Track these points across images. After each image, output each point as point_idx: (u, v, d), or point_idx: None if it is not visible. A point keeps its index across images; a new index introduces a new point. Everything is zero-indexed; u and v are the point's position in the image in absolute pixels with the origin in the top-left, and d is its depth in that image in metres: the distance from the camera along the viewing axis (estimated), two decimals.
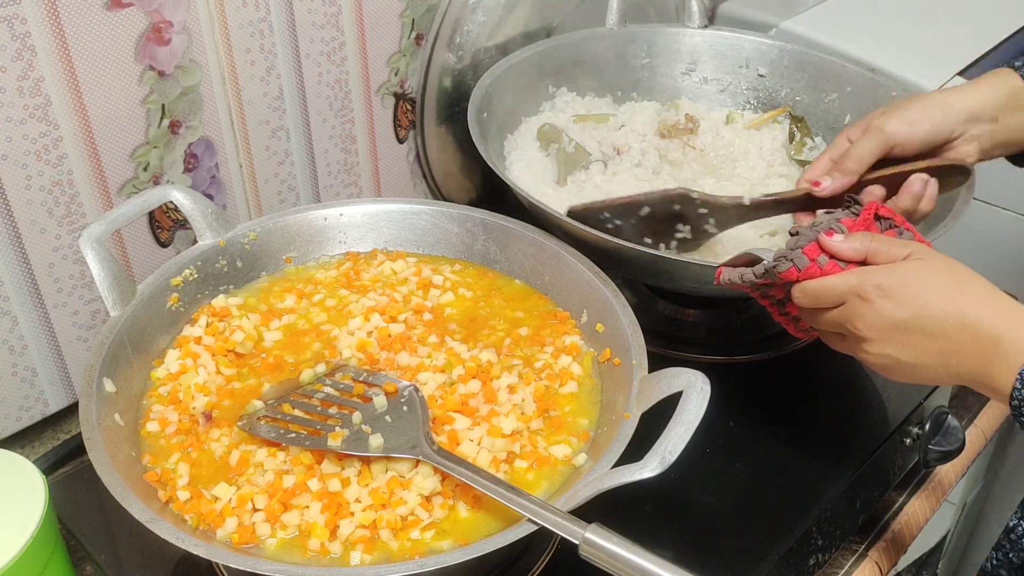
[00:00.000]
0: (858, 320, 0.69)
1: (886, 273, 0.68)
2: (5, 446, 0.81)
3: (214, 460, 0.71)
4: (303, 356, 0.80)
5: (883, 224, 0.74)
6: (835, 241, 0.71)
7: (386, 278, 0.88)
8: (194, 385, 0.76)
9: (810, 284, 0.71)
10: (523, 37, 1.14)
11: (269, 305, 0.85)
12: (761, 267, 0.73)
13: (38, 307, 0.87)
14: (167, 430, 0.73)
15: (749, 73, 1.18)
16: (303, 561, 0.64)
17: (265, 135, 0.99)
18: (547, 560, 0.77)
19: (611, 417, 0.72)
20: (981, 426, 1.05)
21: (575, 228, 0.85)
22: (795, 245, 0.72)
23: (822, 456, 0.87)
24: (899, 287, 0.67)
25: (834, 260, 0.71)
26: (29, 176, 0.81)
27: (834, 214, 0.75)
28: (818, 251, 0.71)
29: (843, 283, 0.70)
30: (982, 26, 1.37)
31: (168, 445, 0.72)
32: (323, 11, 0.97)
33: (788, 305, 0.76)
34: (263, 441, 0.71)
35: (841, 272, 0.70)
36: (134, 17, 0.83)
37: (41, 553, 0.68)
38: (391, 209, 0.92)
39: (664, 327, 1.03)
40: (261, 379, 0.78)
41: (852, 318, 0.69)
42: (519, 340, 0.82)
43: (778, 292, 0.75)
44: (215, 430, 0.73)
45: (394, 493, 0.67)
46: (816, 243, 0.71)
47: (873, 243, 0.71)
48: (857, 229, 0.73)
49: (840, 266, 0.71)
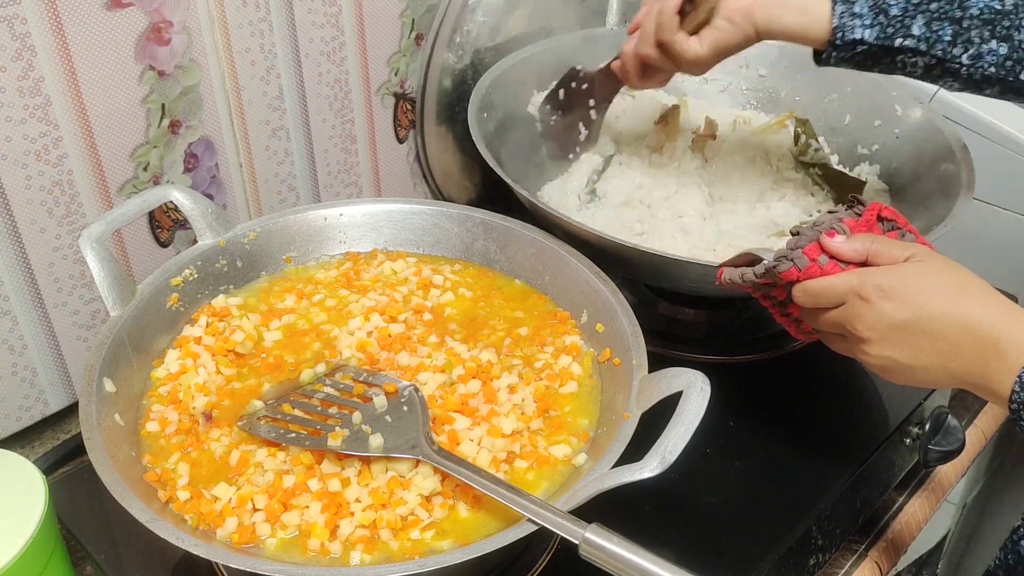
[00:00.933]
0: (858, 320, 0.69)
1: (887, 274, 0.68)
2: (5, 446, 0.80)
3: (214, 460, 0.71)
4: (303, 356, 0.80)
5: (885, 225, 0.74)
6: (836, 242, 0.71)
7: (386, 278, 0.88)
8: (194, 385, 0.76)
9: (811, 284, 0.71)
10: (523, 37, 1.14)
11: (269, 305, 0.85)
12: (762, 267, 0.73)
13: (38, 307, 0.87)
14: (167, 430, 0.73)
15: (749, 73, 1.18)
16: (303, 561, 0.64)
17: (265, 135, 0.99)
18: (547, 560, 0.77)
19: (611, 417, 0.72)
20: (981, 426, 1.05)
21: (575, 228, 0.85)
22: (796, 245, 0.72)
23: (822, 456, 0.87)
24: (899, 288, 0.67)
25: (834, 260, 0.71)
26: (29, 176, 0.81)
27: (836, 213, 0.75)
28: (819, 251, 0.71)
29: (843, 283, 0.70)
30: None
31: (168, 445, 0.72)
32: (323, 11, 0.97)
33: (790, 307, 0.76)
34: (263, 441, 0.71)
35: (842, 272, 0.70)
36: (134, 17, 0.83)
37: (41, 553, 0.68)
38: (391, 209, 0.92)
39: (664, 327, 1.03)
40: (261, 379, 0.78)
41: (852, 318, 0.69)
42: (519, 340, 0.82)
43: (780, 293, 0.75)
44: (215, 430, 0.73)
45: (394, 493, 0.67)
46: (817, 243, 0.71)
47: (875, 244, 0.70)
48: (859, 230, 0.72)
49: (840, 266, 0.70)
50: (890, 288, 0.67)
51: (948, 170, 0.97)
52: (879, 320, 0.68)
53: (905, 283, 0.67)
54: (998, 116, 1.19)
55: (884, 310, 0.67)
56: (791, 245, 0.72)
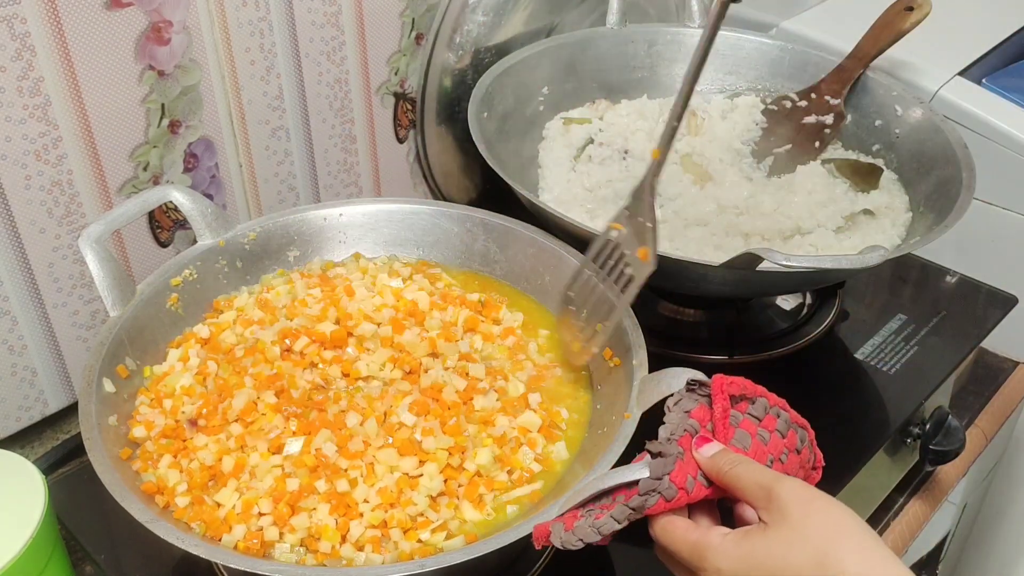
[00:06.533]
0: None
1: (729, 557, 0.55)
2: (5, 446, 0.81)
3: (205, 467, 0.69)
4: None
5: (735, 418, 0.62)
6: (703, 456, 0.59)
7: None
8: (180, 387, 0.75)
9: (661, 535, 0.59)
10: (523, 37, 1.14)
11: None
12: (625, 508, 0.59)
13: (38, 307, 0.87)
14: (152, 433, 0.72)
15: (749, 73, 1.18)
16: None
17: (265, 135, 0.99)
18: (547, 560, 0.77)
19: (611, 417, 0.72)
20: (981, 426, 1.05)
21: (576, 228, 0.85)
22: (663, 472, 0.58)
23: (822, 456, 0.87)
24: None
25: (700, 483, 0.59)
26: (29, 176, 0.81)
27: (681, 404, 0.63)
28: (685, 475, 0.59)
29: (685, 550, 0.58)
30: (982, 26, 1.37)
31: (158, 447, 0.71)
32: (323, 10, 0.97)
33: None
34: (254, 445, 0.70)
35: (683, 531, 0.58)
36: (134, 17, 0.83)
37: (41, 553, 0.68)
38: (391, 209, 0.92)
39: (664, 327, 1.03)
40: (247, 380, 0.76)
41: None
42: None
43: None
44: (201, 435, 0.71)
45: (403, 492, 0.67)
46: (682, 462, 0.59)
47: (735, 469, 0.58)
48: (717, 423, 0.61)
49: (706, 487, 0.59)
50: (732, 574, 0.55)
51: (948, 170, 0.97)
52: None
53: (749, 572, 0.54)
54: (998, 116, 1.19)
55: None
56: (656, 473, 0.58)
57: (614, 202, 1.01)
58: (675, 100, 0.73)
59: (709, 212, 0.99)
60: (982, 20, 1.39)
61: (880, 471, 0.93)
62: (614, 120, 1.13)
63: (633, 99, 1.17)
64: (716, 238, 0.96)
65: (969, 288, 1.10)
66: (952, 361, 0.99)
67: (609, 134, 1.11)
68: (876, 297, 1.09)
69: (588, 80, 1.16)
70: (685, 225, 0.98)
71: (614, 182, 1.03)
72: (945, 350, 1.00)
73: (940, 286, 1.10)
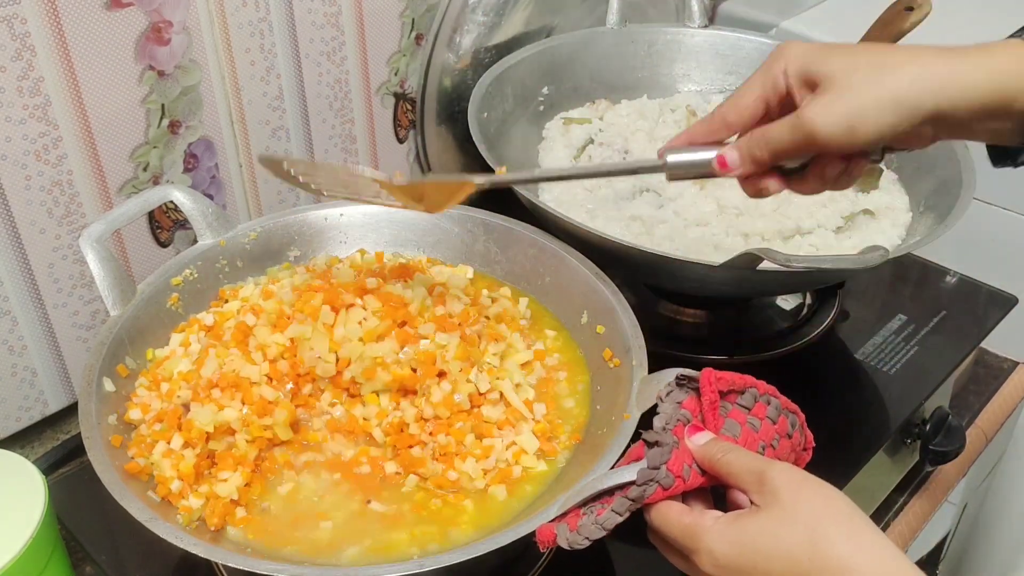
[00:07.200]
0: (692, 569, 0.59)
1: (723, 539, 0.56)
2: (5, 446, 0.80)
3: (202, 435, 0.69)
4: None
5: (725, 408, 0.63)
6: (696, 444, 0.61)
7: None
8: (177, 373, 0.74)
9: (655, 519, 0.60)
10: (523, 37, 1.14)
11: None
12: (624, 500, 0.60)
13: (38, 307, 0.87)
14: (147, 416, 0.71)
15: (749, 73, 1.18)
16: (303, 560, 0.65)
17: (265, 135, 0.99)
18: (547, 560, 0.77)
19: (611, 417, 0.72)
20: (981, 426, 1.05)
21: (576, 228, 0.85)
22: (660, 460, 0.60)
23: (822, 456, 0.87)
24: (734, 556, 0.55)
25: (696, 471, 0.61)
26: (29, 176, 0.81)
27: (672, 395, 0.64)
28: (681, 463, 0.60)
29: (677, 529, 0.59)
30: (983, 26, 1.37)
31: (152, 433, 0.70)
32: (323, 11, 0.97)
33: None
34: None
35: (677, 515, 0.60)
36: (134, 17, 0.83)
37: (41, 553, 0.68)
38: (391, 209, 0.91)
39: (664, 327, 1.03)
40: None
41: (690, 567, 0.59)
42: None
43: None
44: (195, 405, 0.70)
45: None
46: (678, 452, 0.61)
47: (726, 457, 0.59)
48: (708, 413, 0.62)
49: (701, 476, 0.61)
50: (724, 558, 0.56)
51: (948, 170, 0.97)
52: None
53: (742, 552, 0.55)
54: None
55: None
56: (653, 462, 0.60)
57: (614, 202, 1.01)
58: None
59: (709, 212, 0.99)
60: (982, 20, 1.39)
61: (880, 471, 0.93)
62: (614, 120, 1.13)
63: (633, 99, 1.17)
64: (716, 238, 0.96)
65: (969, 288, 1.10)
66: (952, 361, 0.99)
67: (609, 134, 1.11)
68: (876, 297, 1.09)
69: (588, 80, 1.16)
70: (685, 225, 0.98)
71: (614, 182, 1.03)
72: (945, 350, 1.00)
73: (940, 286, 1.10)
